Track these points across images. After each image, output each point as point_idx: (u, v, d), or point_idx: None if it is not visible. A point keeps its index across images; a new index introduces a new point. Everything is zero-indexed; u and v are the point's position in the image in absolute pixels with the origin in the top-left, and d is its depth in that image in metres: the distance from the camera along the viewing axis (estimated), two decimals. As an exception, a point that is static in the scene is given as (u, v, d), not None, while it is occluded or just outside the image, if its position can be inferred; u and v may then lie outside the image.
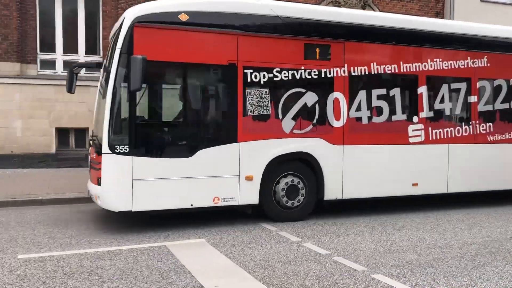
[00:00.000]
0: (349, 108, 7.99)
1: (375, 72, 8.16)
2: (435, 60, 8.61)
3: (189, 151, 6.98)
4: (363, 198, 8.28)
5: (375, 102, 8.20)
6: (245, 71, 7.27)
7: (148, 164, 6.74)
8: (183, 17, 6.92)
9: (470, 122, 8.94)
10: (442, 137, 8.67)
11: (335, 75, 7.87)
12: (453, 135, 8.77)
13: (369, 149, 8.14)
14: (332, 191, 7.90)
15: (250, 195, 7.33)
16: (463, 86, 8.90)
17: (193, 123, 7.33)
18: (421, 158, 8.52)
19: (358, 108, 8.07)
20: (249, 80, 7.30)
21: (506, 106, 9.32)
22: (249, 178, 7.30)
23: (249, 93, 7.31)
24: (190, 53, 7.00)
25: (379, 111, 8.23)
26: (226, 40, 7.17)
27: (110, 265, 5.35)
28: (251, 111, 7.33)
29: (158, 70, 7.03)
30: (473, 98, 8.98)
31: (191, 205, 7.01)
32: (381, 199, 8.43)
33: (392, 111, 8.32)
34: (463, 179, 8.86)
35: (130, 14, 6.75)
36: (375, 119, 8.21)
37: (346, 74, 7.94)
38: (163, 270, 5.17)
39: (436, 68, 8.62)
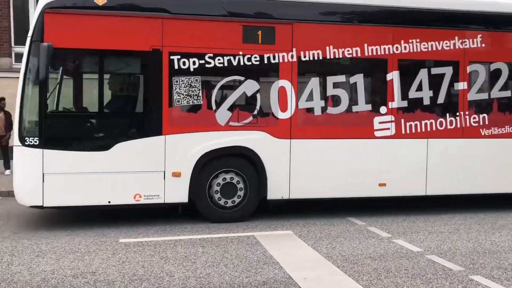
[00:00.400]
0: (297, 98, 7.10)
1: (332, 57, 7.17)
2: (410, 41, 7.41)
3: (106, 144, 6.52)
4: (315, 199, 7.37)
5: (331, 91, 7.23)
6: (172, 57, 6.66)
7: (60, 157, 6.38)
8: (100, 1, 6.45)
9: (457, 113, 7.62)
10: (419, 130, 7.46)
11: (281, 60, 7.00)
12: (433, 129, 7.52)
13: (323, 143, 7.19)
14: (277, 190, 7.06)
15: (177, 193, 6.74)
16: (448, 71, 7.59)
17: (110, 114, 6.87)
18: (391, 155, 7.40)
19: (310, 98, 7.15)
20: (176, 67, 6.68)
21: (507, 94, 7.85)
22: (177, 175, 6.71)
23: (176, 82, 6.69)
24: (108, 39, 6.52)
25: (336, 101, 7.24)
26: (149, 24, 6.60)
27: (202, 252, 5.54)
28: (178, 101, 6.71)
29: (73, 58, 6.68)
30: (461, 85, 7.64)
31: (109, 202, 6.56)
32: (339, 199, 7.45)
33: (353, 101, 7.30)
34: (447, 179, 7.59)
35: (42, 0, 6.42)
36: (331, 110, 7.23)
37: (295, 59, 7.04)
38: (252, 260, 5.25)
39: (411, 51, 7.42)
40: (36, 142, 6.30)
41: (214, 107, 6.84)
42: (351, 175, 7.24)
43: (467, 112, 7.64)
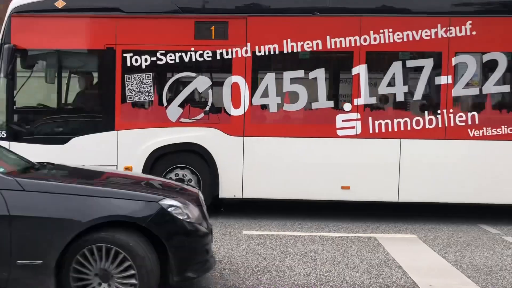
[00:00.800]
0: (252, 94, 6.87)
1: (290, 51, 6.81)
2: (381, 31, 6.73)
3: (63, 139, 6.95)
4: (271, 199, 7.08)
5: (288, 87, 6.88)
6: (124, 55, 6.87)
7: (24, 150, 6.83)
8: (60, 4, 6.87)
9: (439, 111, 6.76)
10: (390, 130, 6.77)
11: (234, 56, 6.83)
12: (408, 128, 6.76)
13: (279, 142, 6.87)
14: (229, 189, 6.93)
15: (129, 187, 6.94)
16: (428, 63, 6.77)
17: (67, 110, 7.32)
18: (356, 156, 6.82)
19: (265, 94, 6.87)
20: (128, 64, 6.88)
21: (504, 89, 6.77)
22: (128, 169, 6.92)
23: (129, 78, 6.89)
24: (68, 39, 6.94)
25: (294, 97, 6.87)
26: (103, 24, 6.90)
27: (322, 250, 5.58)
28: (130, 98, 6.90)
29: (37, 58, 7.18)
30: (444, 79, 6.76)
31: (66, 192, 6.98)
32: (297, 201, 7.08)
33: (312, 98, 6.85)
34: (425, 185, 6.78)
35: (10, 6, 7.01)
36: (288, 107, 6.89)
37: (249, 54, 6.82)
38: (373, 262, 5.14)
39: (382, 42, 6.74)
40: (3, 135, 6.94)
41: (165, 103, 6.92)
42: (309, 176, 6.82)
43: (451, 110, 6.74)
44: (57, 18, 6.90)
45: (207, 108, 6.91)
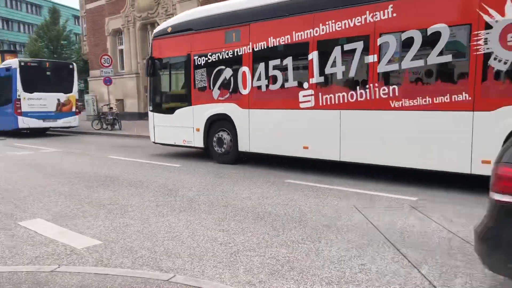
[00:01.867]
0: (252, 79, 9.69)
1: (272, 45, 9.27)
2: (327, 23, 8.36)
3: (172, 111, 11.57)
4: (264, 154, 9.71)
5: (271, 72, 9.34)
6: (194, 57, 10.87)
7: (158, 117, 12.00)
8: (169, 30, 11.48)
9: (367, 86, 7.89)
10: (333, 102, 8.38)
11: (243, 52, 9.82)
12: (345, 101, 8.20)
13: (267, 113, 9.49)
14: (243, 145, 10.05)
15: (199, 141, 11.01)
16: (358, 46, 7.96)
17: (173, 94, 11.73)
18: (311, 123, 8.73)
19: (259, 78, 9.56)
20: (196, 63, 10.85)
21: (419, 63, 7.25)
22: (198, 130, 10.98)
23: (197, 73, 10.87)
24: (174, 50, 11.46)
25: (274, 79, 9.28)
26: (186, 39, 11.05)
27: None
28: (197, 85, 10.88)
29: (163, 63, 11.91)
30: (371, 58, 7.81)
31: (174, 143, 11.65)
32: (277, 157, 9.46)
33: (285, 79, 9.10)
34: (358, 149, 8.11)
35: (153, 33, 12.05)
36: (271, 87, 9.36)
37: (251, 50, 9.66)
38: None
39: (327, 32, 8.36)
40: (151, 109, 12.18)
41: (211, 87, 10.56)
42: (285, 138, 9.20)
43: (376, 84, 7.77)
44: (169, 38, 11.51)
45: (230, 90, 10.17)
